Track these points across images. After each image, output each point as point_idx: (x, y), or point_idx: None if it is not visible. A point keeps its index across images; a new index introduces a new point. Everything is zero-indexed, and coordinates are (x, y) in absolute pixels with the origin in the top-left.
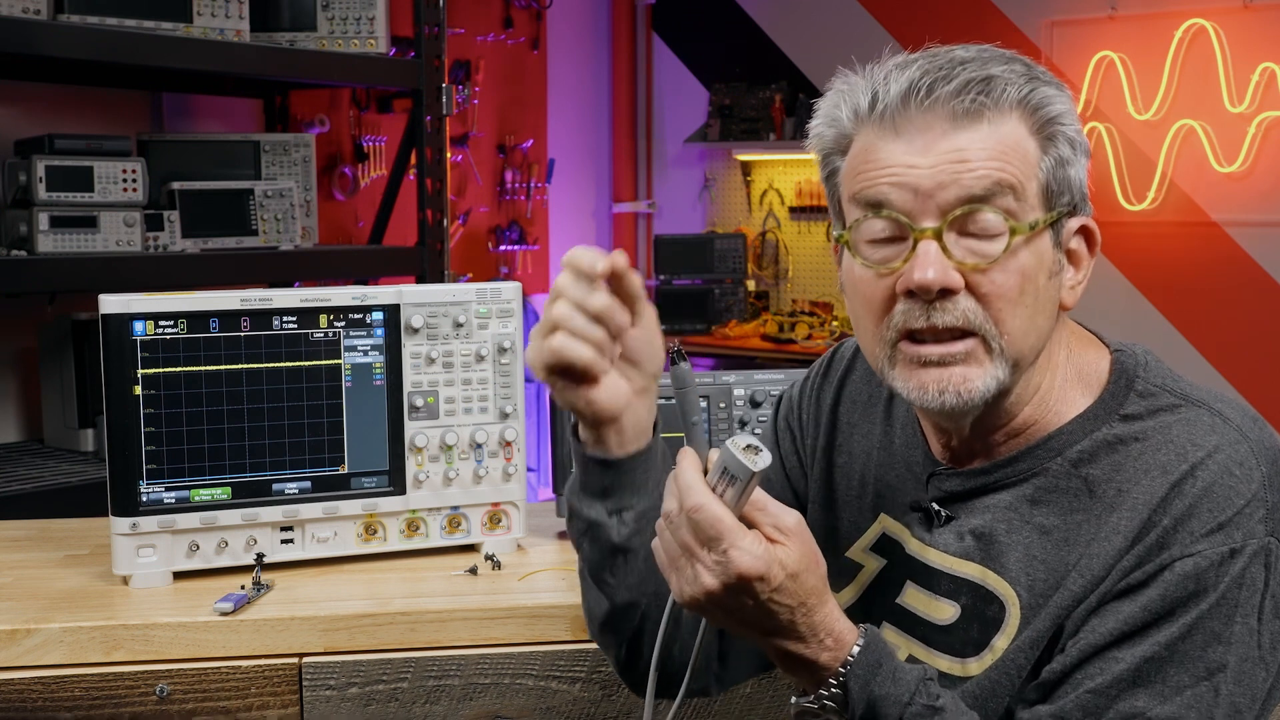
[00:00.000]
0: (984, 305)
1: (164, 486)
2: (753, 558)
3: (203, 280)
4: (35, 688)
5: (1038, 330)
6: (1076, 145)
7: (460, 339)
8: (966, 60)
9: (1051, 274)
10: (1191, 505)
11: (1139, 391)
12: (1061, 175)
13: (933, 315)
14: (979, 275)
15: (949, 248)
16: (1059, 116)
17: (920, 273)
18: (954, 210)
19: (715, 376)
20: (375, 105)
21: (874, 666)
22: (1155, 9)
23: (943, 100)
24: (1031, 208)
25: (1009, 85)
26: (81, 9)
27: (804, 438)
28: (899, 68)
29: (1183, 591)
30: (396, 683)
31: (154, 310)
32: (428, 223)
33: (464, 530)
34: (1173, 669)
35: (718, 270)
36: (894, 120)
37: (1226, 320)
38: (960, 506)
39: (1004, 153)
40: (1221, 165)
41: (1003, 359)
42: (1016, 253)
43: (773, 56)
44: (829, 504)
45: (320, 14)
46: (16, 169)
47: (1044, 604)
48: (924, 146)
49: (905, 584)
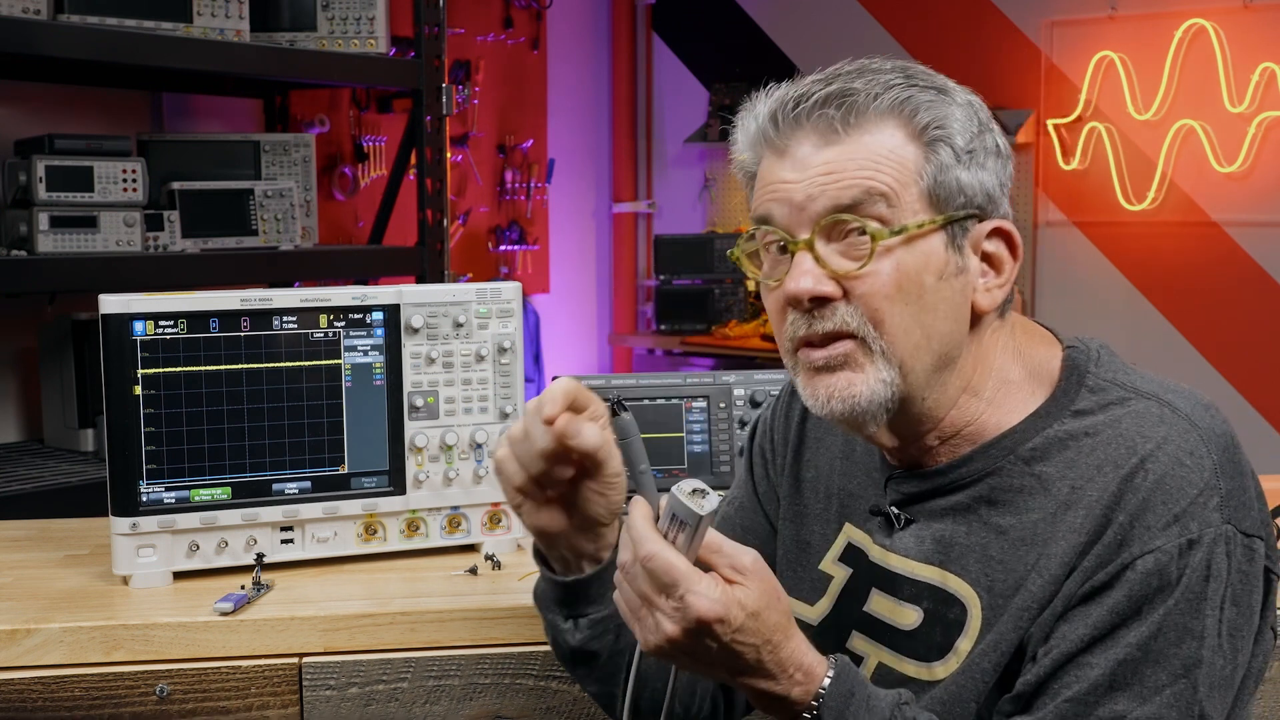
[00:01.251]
0: (862, 306)
1: (164, 486)
2: (710, 601)
3: (203, 280)
4: (35, 688)
5: (924, 328)
6: (972, 149)
7: (460, 339)
8: (838, 75)
9: (943, 275)
10: (1145, 499)
11: (1089, 387)
12: (948, 179)
13: (814, 323)
14: (852, 281)
15: (823, 257)
16: (937, 121)
17: (794, 283)
18: (822, 219)
19: (715, 376)
20: (375, 105)
21: (846, 697)
22: (1155, 9)
23: (804, 117)
24: (911, 212)
25: (878, 95)
26: (81, 9)
27: (774, 458)
28: (775, 88)
29: (1147, 589)
30: (396, 683)
31: (154, 310)
32: (428, 223)
33: (464, 530)
34: (1148, 669)
35: (718, 270)
36: (772, 141)
37: (1226, 320)
38: (919, 509)
39: (874, 161)
40: (1221, 165)
41: (884, 360)
42: (890, 255)
43: (773, 56)
44: (799, 519)
45: (320, 14)
46: (16, 169)
47: (1005, 605)
48: (800, 162)
49: (871, 591)
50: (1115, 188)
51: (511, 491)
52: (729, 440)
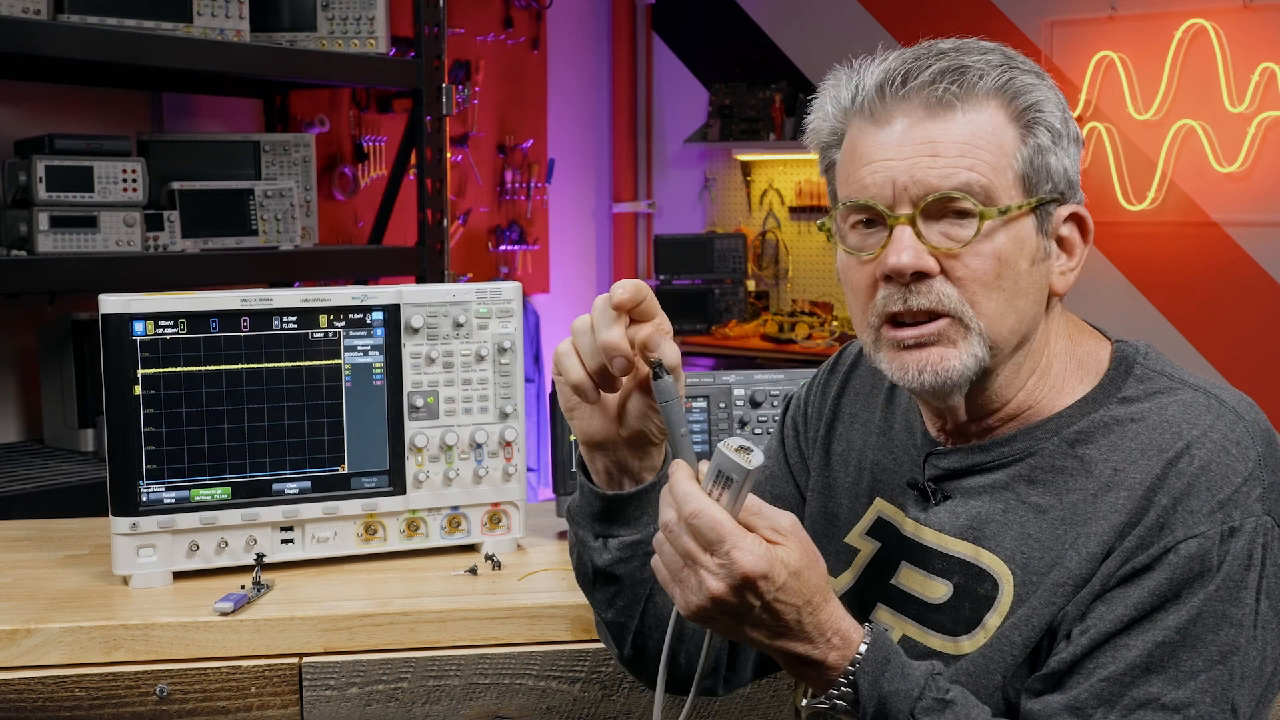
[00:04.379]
0: (959, 288)
1: (164, 486)
2: (755, 557)
3: (203, 280)
4: (35, 688)
5: (1017, 313)
6: (1061, 134)
7: (460, 339)
8: (945, 51)
9: (1034, 260)
10: (1190, 484)
11: (1137, 377)
12: (1041, 162)
13: (909, 299)
14: (952, 260)
15: (923, 233)
16: (1037, 104)
17: (895, 257)
18: (926, 198)
19: (715, 376)
20: (375, 105)
21: (882, 663)
22: (1155, 9)
23: (916, 90)
24: (1007, 194)
25: (985, 74)
26: (81, 9)
27: (807, 431)
28: (879, 60)
29: (1188, 573)
30: (396, 683)
31: (154, 310)
32: (428, 223)
33: (464, 530)
34: (1185, 653)
35: (718, 270)
36: (873, 111)
37: (1226, 320)
38: (956, 486)
39: (978, 141)
40: (1221, 165)
41: (980, 339)
42: (990, 237)
43: (773, 56)
44: (828, 491)
45: (320, 14)
46: (16, 169)
47: (1039, 581)
48: (901, 137)
49: (900, 564)
50: (1115, 188)
51: (567, 391)
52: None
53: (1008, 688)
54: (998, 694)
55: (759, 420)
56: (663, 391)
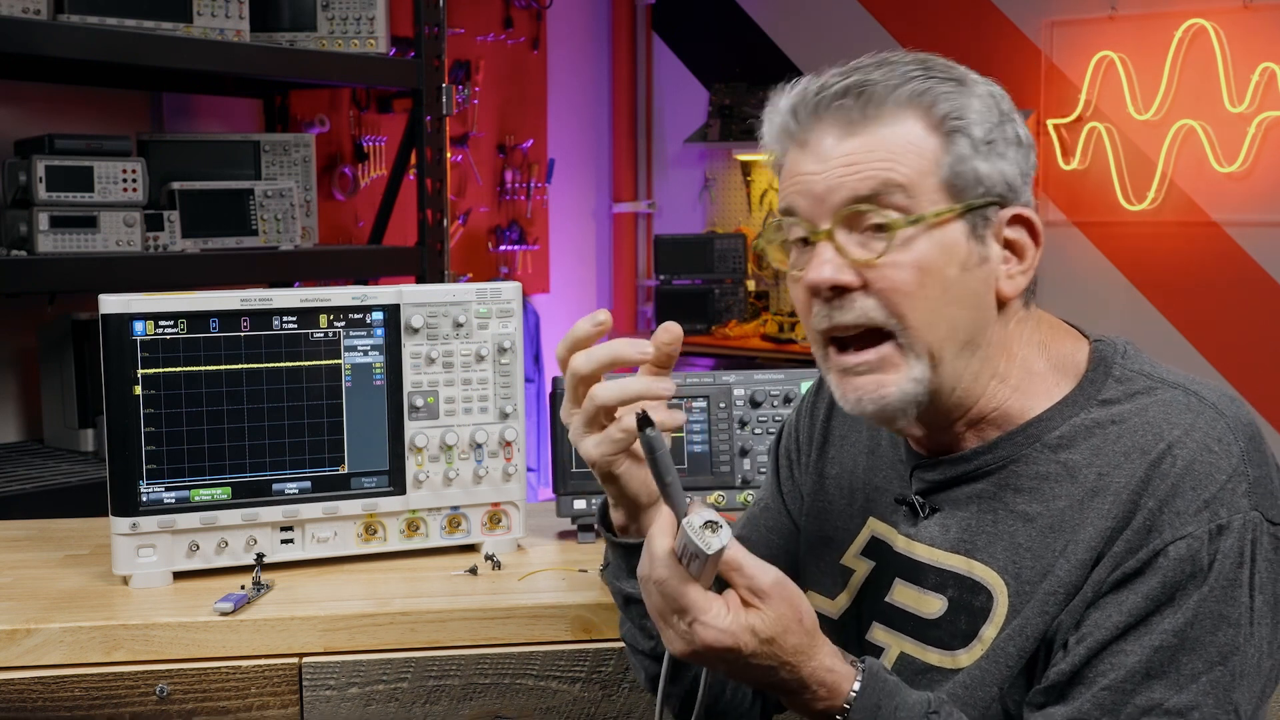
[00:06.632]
0: (881, 300)
1: (164, 486)
2: (718, 632)
3: (203, 280)
4: (35, 688)
5: (948, 321)
6: (991, 139)
7: (460, 339)
8: (858, 67)
9: (966, 266)
10: (1174, 485)
11: (1116, 377)
12: (967, 169)
13: (835, 314)
14: (873, 271)
15: (844, 247)
16: (955, 111)
17: (813, 272)
18: (842, 210)
19: (715, 376)
20: (375, 105)
21: (873, 710)
22: (1155, 9)
23: (824, 108)
24: (929, 200)
25: (898, 87)
26: (81, 9)
27: (799, 458)
28: (794, 84)
29: (1180, 575)
30: (396, 683)
31: (154, 310)
32: (428, 223)
33: (464, 530)
34: (1184, 656)
35: (718, 270)
36: (794, 133)
37: (1226, 320)
38: (943, 498)
39: (892, 152)
40: (1221, 165)
41: (915, 355)
42: (909, 246)
43: (773, 56)
44: (822, 515)
45: (320, 14)
46: (16, 169)
47: (1032, 591)
48: (821, 154)
49: (894, 581)
50: (1115, 188)
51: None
52: (729, 440)
53: (1005, 699)
54: (995, 706)
55: (759, 420)
56: (649, 444)
